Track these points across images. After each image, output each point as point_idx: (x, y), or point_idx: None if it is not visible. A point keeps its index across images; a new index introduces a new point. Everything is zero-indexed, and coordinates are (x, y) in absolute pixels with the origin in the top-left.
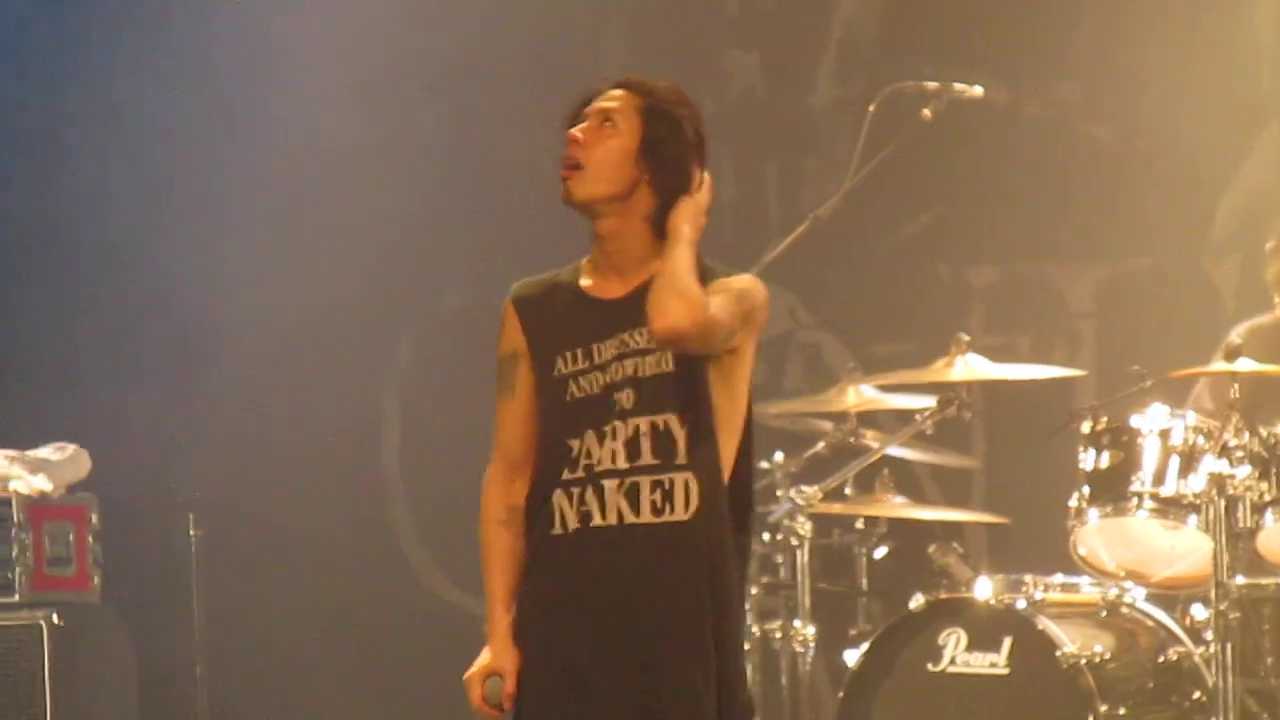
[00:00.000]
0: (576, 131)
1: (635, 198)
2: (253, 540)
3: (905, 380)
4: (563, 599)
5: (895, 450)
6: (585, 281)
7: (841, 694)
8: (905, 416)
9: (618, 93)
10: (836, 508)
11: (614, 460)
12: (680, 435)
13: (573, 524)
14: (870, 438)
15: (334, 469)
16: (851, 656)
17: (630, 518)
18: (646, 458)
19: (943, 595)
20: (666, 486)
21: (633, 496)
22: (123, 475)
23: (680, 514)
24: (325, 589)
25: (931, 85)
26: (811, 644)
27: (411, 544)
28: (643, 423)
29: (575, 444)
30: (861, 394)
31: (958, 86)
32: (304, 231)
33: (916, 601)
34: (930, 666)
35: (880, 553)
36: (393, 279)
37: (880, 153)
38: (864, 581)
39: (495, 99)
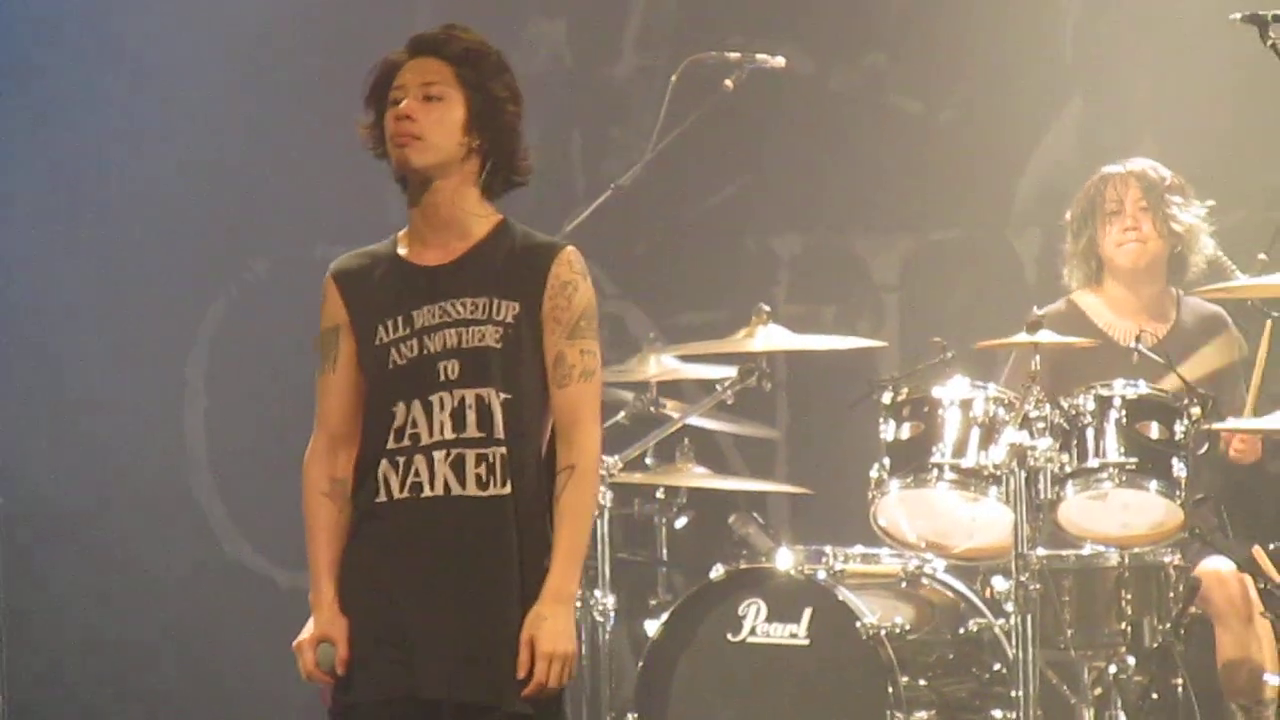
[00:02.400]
0: (405, 109)
1: (467, 165)
2: (53, 510)
3: (706, 350)
4: (389, 564)
5: (696, 420)
6: (404, 250)
7: (641, 664)
8: (707, 386)
9: (435, 65)
10: (637, 477)
11: (441, 431)
12: (499, 409)
13: (398, 493)
14: (671, 408)
15: (138, 437)
16: (651, 626)
17: (456, 489)
18: (471, 430)
19: (743, 565)
20: (490, 460)
21: (458, 468)
22: None
23: (501, 488)
24: (128, 558)
25: (734, 55)
26: (612, 614)
27: (216, 512)
28: (468, 394)
29: (399, 411)
30: (663, 364)
31: (760, 57)
32: (112, 198)
33: (717, 572)
34: (730, 637)
35: (681, 523)
36: (202, 248)
37: (683, 122)
38: (664, 552)
39: (300, 69)
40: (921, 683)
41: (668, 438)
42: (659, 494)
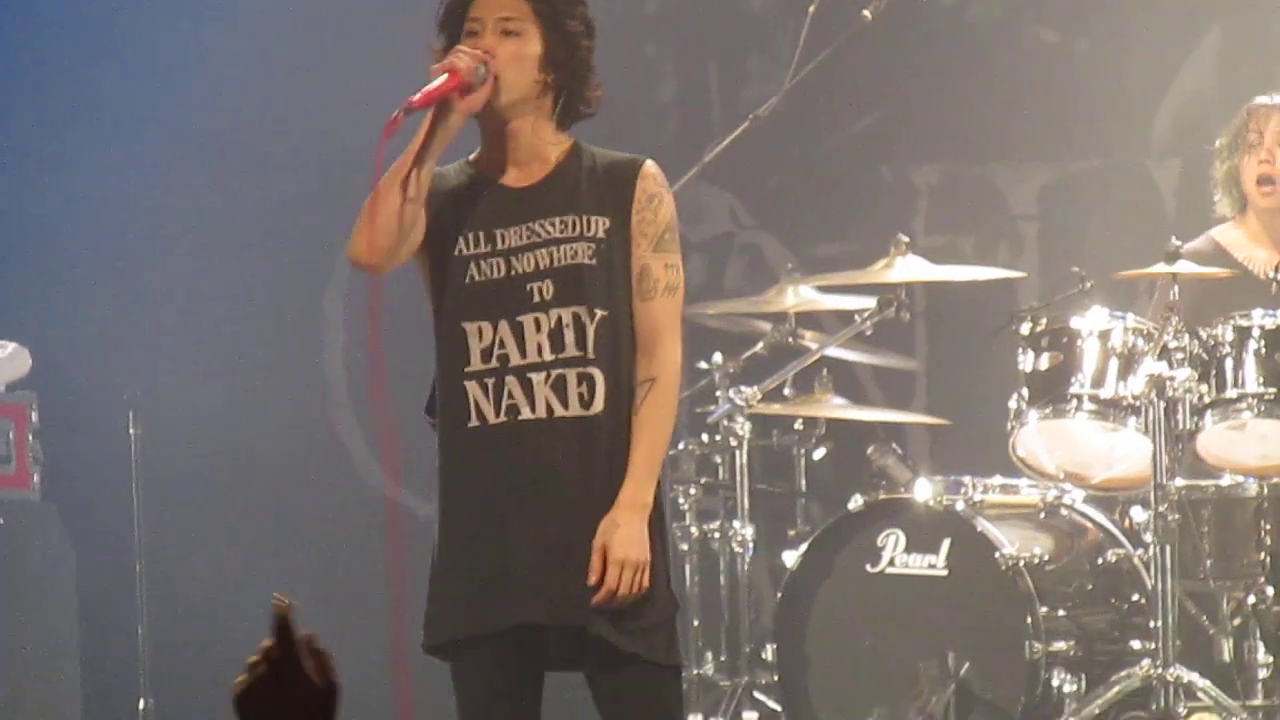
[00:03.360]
0: (486, 45)
1: (543, 99)
2: (194, 439)
3: (845, 281)
4: (491, 495)
5: (834, 351)
6: (484, 171)
7: (780, 594)
8: (845, 317)
9: (510, 0)
10: (775, 408)
11: (539, 353)
12: (592, 328)
13: (493, 417)
14: (810, 338)
15: (276, 369)
16: (790, 557)
17: (560, 410)
18: (570, 350)
19: (881, 496)
20: (591, 379)
21: (560, 389)
22: (63, 373)
23: (599, 407)
24: (267, 489)
25: None
26: (750, 544)
27: (356, 444)
28: (565, 313)
29: (484, 331)
30: (800, 295)
31: None
32: (248, 132)
33: (855, 502)
34: (869, 567)
35: (819, 454)
36: (335, 181)
37: (821, 53)
38: (803, 483)
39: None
40: (1060, 613)
41: (806, 369)
42: (797, 425)
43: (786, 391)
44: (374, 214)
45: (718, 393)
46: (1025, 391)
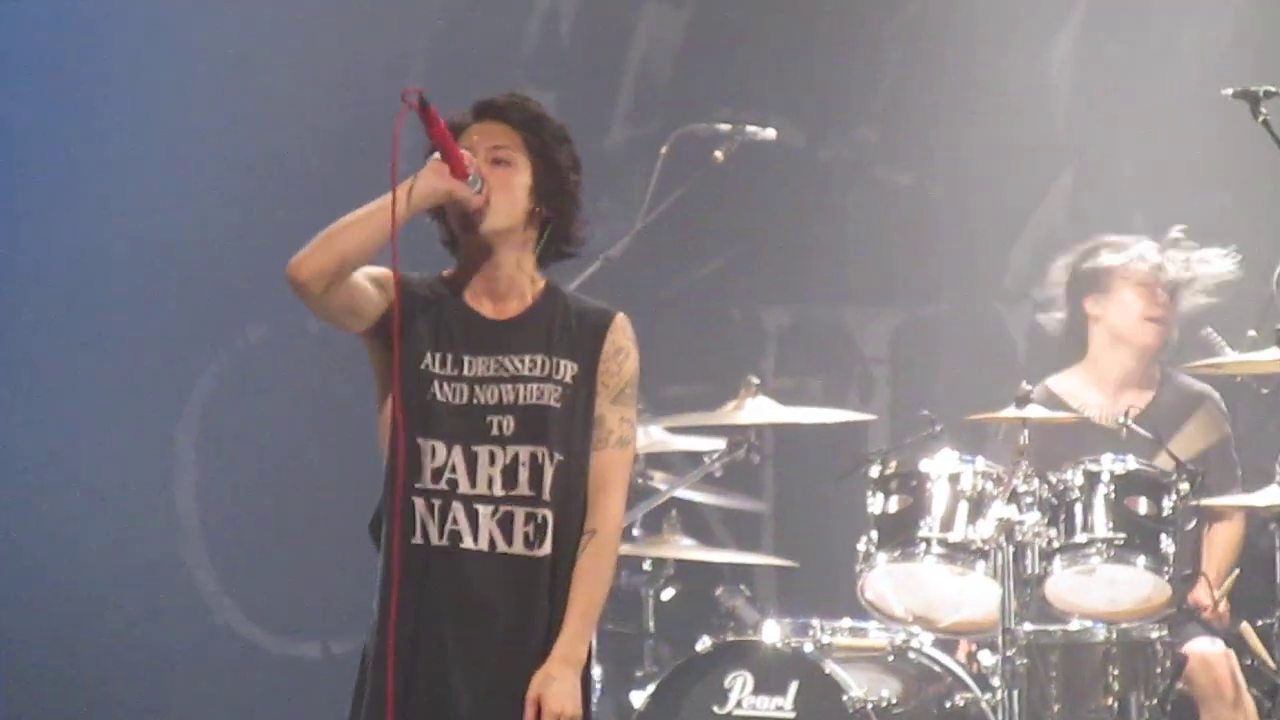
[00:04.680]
0: (480, 171)
1: (528, 231)
2: (38, 575)
3: (695, 422)
4: (423, 615)
5: (684, 492)
6: (458, 294)
7: None
8: (694, 458)
9: (502, 129)
10: (625, 549)
11: (489, 485)
12: (550, 470)
13: (436, 539)
14: (659, 479)
15: (126, 504)
16: (638, 698)
17: (503, 546)
18: (523, 488)
19: (730, 638)
20: (538, 520)
21: (506, 526)
22: None
23: (545, 549)
24: (112, 625)
25: (724, 127)
26: (598, 685)
27: (205, 577)
28: (522, 451)
29: (438, 451)
30: (651, 435)
31: (750, 129)
32: (102, 258)
33: (703, 644)
34: (717, 709)
35: (668, 594)
36: (197, 311)
37: (673, 194)
38: (651, 623)
39: (300, 133)
40: None
41: (655, 509)
42: (646, 565)
43: (635, 532)
44: (335, 238)
45: None
46: (874, 534)
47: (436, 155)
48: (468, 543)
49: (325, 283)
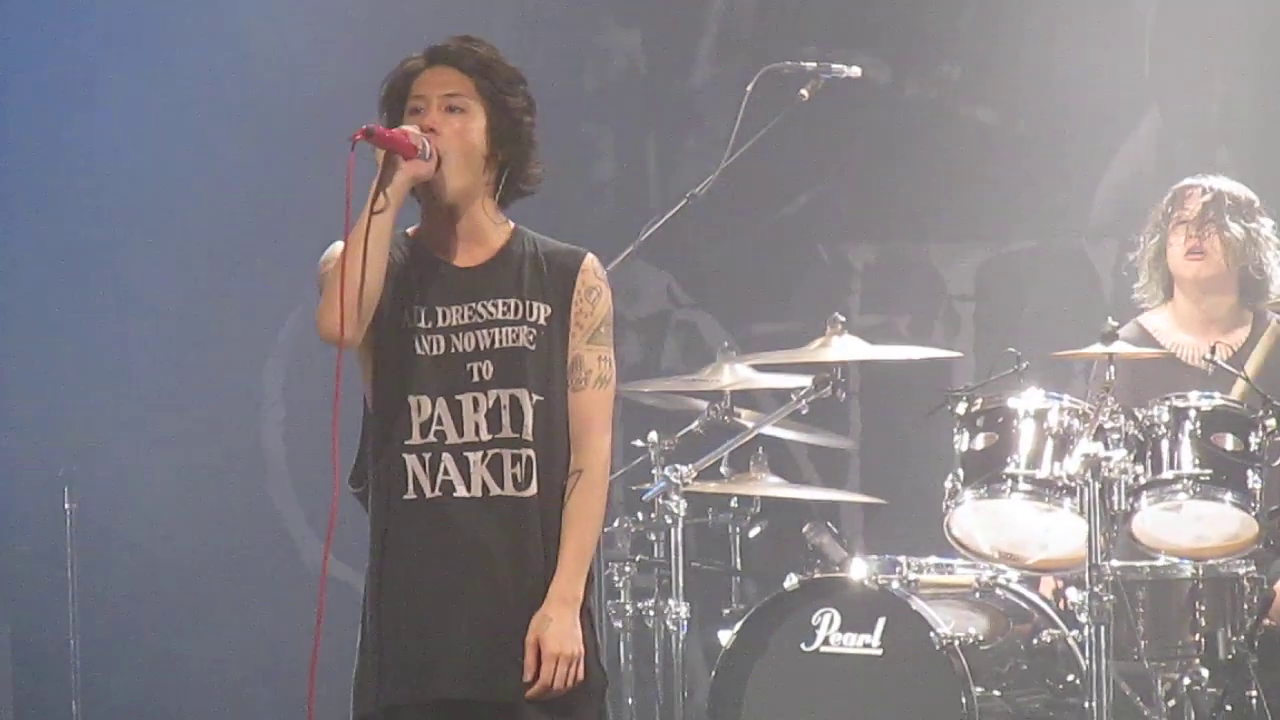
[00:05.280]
0: (430, 122)
1: (485, 174)
2: (129, 513)
3: (781, 360)
4: (421, 566)
5: (770, 430)
6: (426, 248)
7: (714, 673)
8: (781, 396)
9: (454, 75)
10: (711, 487)
11: (476, 432)
12: (530, 411)
13: (430, 491)
14: (746, 417)
15: (214, 444)
16: (725, 635)
17: (495, 489)
18: (506, 430)
19: (817, 575)
20: (524, 461)
21: (496, 469)
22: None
23: (532, 489)
24: (203, 564)
25: (809, 65)
26: (685, 622)
27: (294, 519)
28: (503, 395)
29: (423, 405)
30: (737, 373)
31: (835, 67)
32: (191, 211)
33: (790, 581)
34: (804, 646)
35: (754, 532)
36: (280, 257)
37: (758, 132)
38: (738, 561)
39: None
40: (995, 693)
41: (742, 447)
42: (733, 503)
43: (722, 470)
44: (341, 286)
45: (653, 470)
46: (960, 471)
47: (383, 154)
48: (460, 491)
49: (358, 328)
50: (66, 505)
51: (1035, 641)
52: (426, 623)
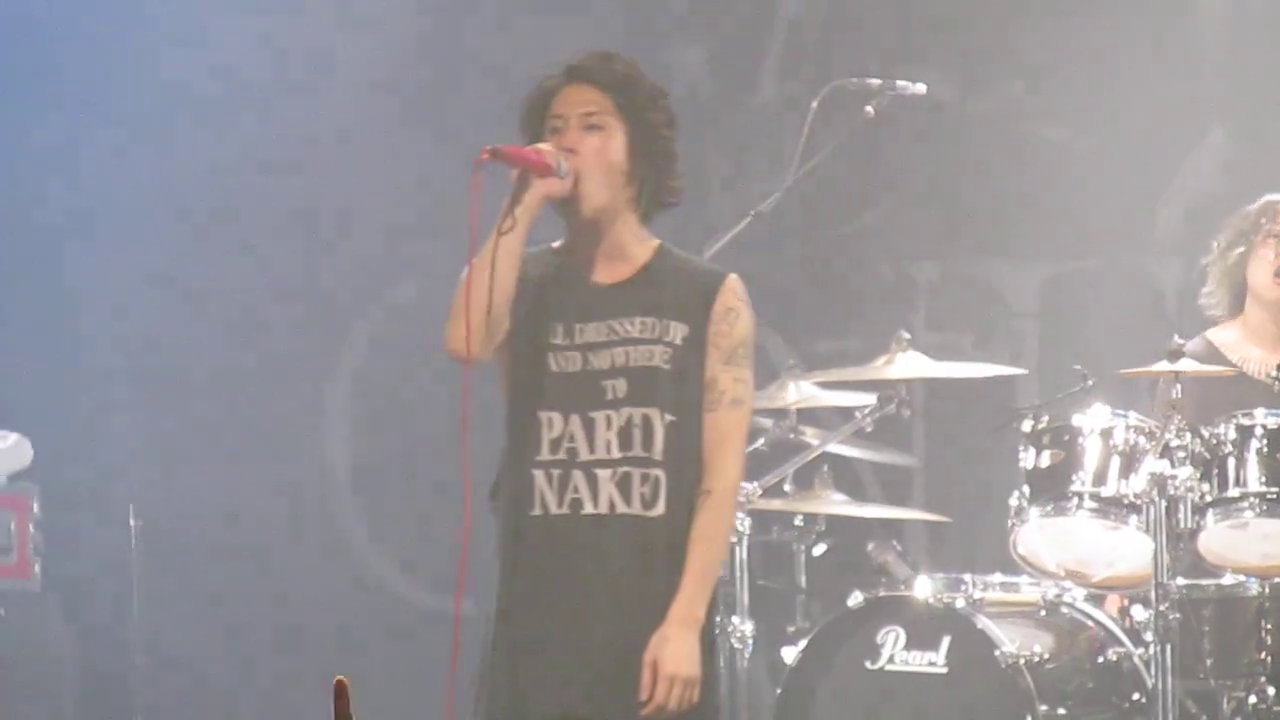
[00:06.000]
0: (569, 142)
1: (626, 190)
2: (194, 531)
3: (846, 377)
4: (547, 581)
5: (835, 447)
6: (569, 264)
7: (780, 691)
8: (845, 413)
9: (592, 93)
10: (776, 504)
11: (608, 449)
12: (661, 431)
13: (555, 508)
14: (810, 434)
15: (278, 461)
16: (790, 654)
17: (622, 507)
18: (637, 449)
19: (881, 593)
20: (653, 480)
21: (624, 487)
22: (64, 464)
23: (660, 509)
24: (267, 580)
25: (874, 82)
26: (750, 640)
27: (357, 535)
28: (635, 413)
29: (555, 422)
30: (802, 390)
31: (900, 84)
32: (251, 224)
33: (855, 599)
34: (869, 664)
35: (819, 550)
36: (344, 270)
37: (823, 149)
38: (803, 579)
39: (443, 92)
40: (1060, 711)
41: (806, 464)
42: (797, 521)
43: (787, 487)
44: (467, 303)
45: None
46: (1026, 489)
47: (517, 173)
48: (588, 508)
49: (483, 345)
50: (131, 522)
51: (1100, 660)
52: (548, 638)
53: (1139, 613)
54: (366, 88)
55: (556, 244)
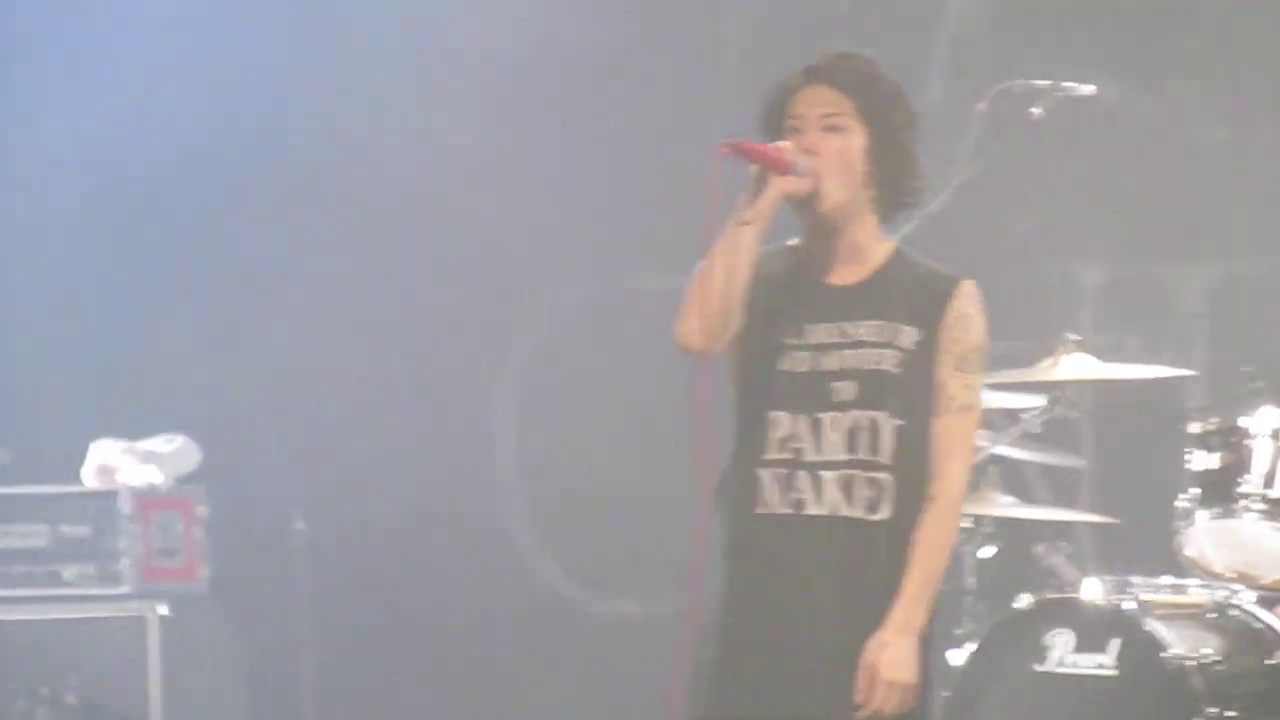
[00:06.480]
0: (808, 144)
1: (865, 192)
2: (360, 534)
3: (1013, 379)
4: (767, 580)
5: (1003, 449)
6: (804, 263)
7: (948, 694)
8: (1013, 415)
9: (831, 94)
10: None
11: (833, 451)
12: (888, 435)
13: (779, 507)
14: (978, 436)
15: (445, 465)
16: (957, 656)
17: (844, 510)
18: (863, 452)
19: (1050, 595)
20: (879, 484)
21: (848, 490)
22: (231, 467)
23: (885, 513)
24: (433, 584)
25: (1041, 83)
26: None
27: (525, 540)
28: (862, 416)
29: (782, 422)
30: None
31: (1068, 85)
32: (418, 227)
33: (1023, 601)
34: (1037, 667)
35: (987, 552)
36: (511, 271)
37: (990, 151)
38: (970, 580)
39: (613, 92)
40: (1230, 714)
41: (974, 466)
42: (965, 523)
43: None
44: (703, 295)
45: None
46: (1195, 491)
47: (756, 170)
48: (811, 509)
49: (715, 338)
50: (298, 525)
51: (1271, 662)
52: (767, 637)
53: None
54: (537, 85)
55: (792, 242)
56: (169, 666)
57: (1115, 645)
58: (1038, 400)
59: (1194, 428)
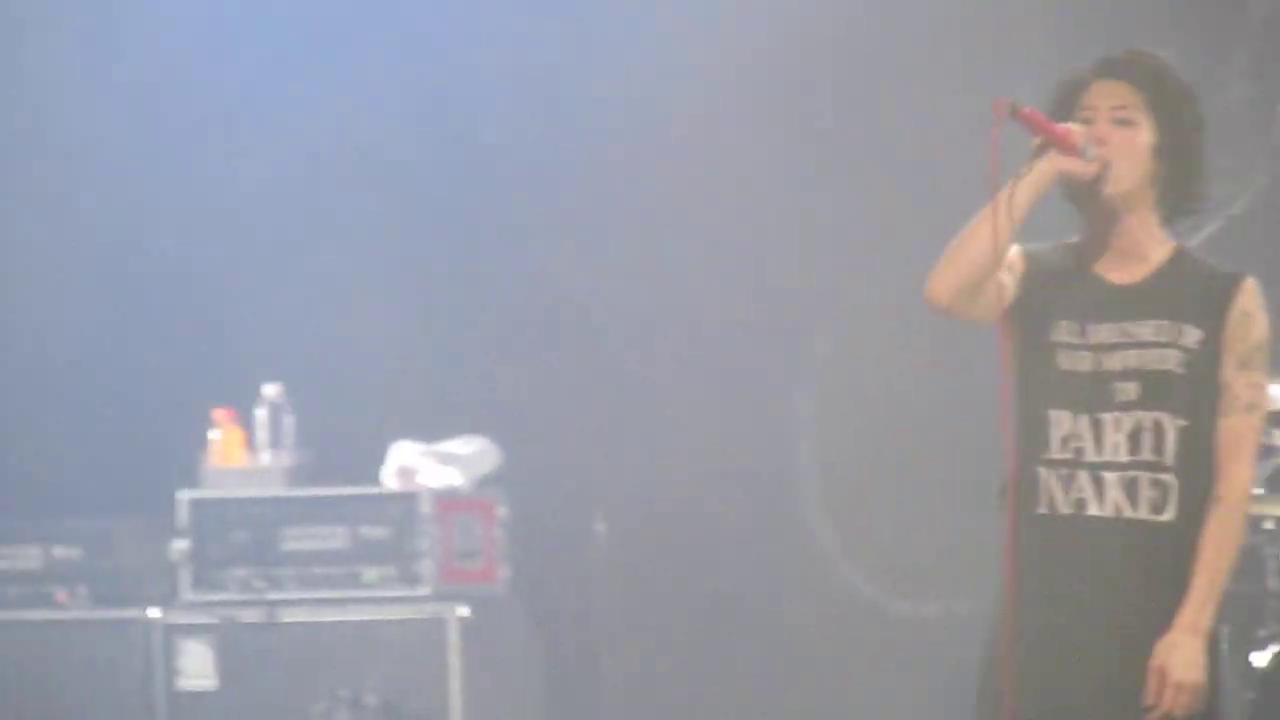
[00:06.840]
0: (1098, 133)
1: (1150, 191)
2: (660, 536)
3: None
4: (1053, 583)
5: None
6: (1084, 261)
7: (1254, 696)
8: None
9: (1124, 89)
10: None
11: (1116, 452)
12: (1172, 436)
13: (1062, 507)
14: (1278, 437)
15: (743, 468)
16: (1261, 658)
17: (1128, 511)
18: (1146, 453)
19: None
20: (1163, 485)
21: (1131, 491)
22: (530, 469)
23: (1170, 514)
24: (733, 586)
25: None
26: (1222, 645)
27: (827, 541)
28: (1145, 417)
29: (1064, 421)
30: (1270, 393)
31: None
32: (714, 228)
33: None
34: None
35: None
36: (812, 270)
37: None
38: (1273, 582)
39: (913, 87)
40: None
41: (1278, 468)
42: (1267, 524)
43: (1256, 490)
44: (960, 253)
45: None
46: None
47: (1038, 142)
48: (1093, 510)
49: (965, 298)
50: (598, 526)
51: None
52: (1053, 638)
53: None
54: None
55: (1072, 240)
56: (468, 668)
57: None
58: None
59: None
